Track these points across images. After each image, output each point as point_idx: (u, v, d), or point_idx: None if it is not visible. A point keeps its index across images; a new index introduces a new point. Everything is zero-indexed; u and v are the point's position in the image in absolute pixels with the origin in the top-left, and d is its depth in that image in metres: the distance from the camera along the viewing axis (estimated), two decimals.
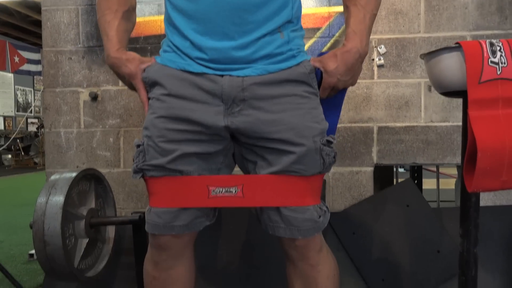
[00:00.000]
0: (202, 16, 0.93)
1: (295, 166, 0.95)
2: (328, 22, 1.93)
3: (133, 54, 1.02)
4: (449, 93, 1.15)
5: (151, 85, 1.00)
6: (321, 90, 0.98)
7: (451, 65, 1.07)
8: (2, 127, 11.58)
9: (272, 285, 1.68)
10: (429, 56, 1.13)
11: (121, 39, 1.03)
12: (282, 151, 0.95)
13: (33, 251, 2.67)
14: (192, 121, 0.95)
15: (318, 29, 1.93)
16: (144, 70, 1.00)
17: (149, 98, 1.01)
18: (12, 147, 10.25)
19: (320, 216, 0.99)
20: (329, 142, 0.97)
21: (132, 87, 1.03)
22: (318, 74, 0.97)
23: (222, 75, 0.94)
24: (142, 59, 1.02)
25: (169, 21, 1.01)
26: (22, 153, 10.34)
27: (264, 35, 0.94)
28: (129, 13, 1.06)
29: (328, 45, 1.93)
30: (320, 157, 0.95)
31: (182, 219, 1.00)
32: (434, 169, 3.37)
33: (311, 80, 0.97)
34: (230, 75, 0.93)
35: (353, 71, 0.95)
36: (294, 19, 0.99)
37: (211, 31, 0.93)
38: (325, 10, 1.92)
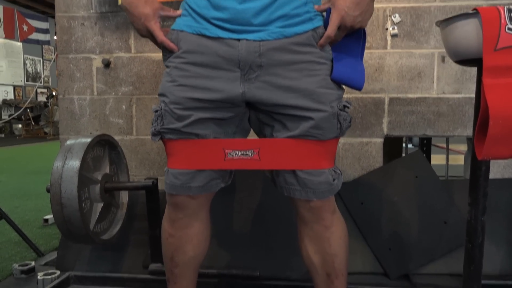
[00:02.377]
0: None
1: (313, 131, 0.96)
2: None
3: None
4: (464, 61, 1.14)
5: (168, 52, 1.01)
6: (329, 27, 0.95)
7: (468, 32, 1.05)
8: (12, 97, 11.65)
9: (283, 247, 1.72)
10: (446, 23, 1.12)
11: None
12: (300, 117, 0.96)
13: (47, 216, 2.74)
14: (209, 89, 0.96)
15: None
16: (160, 16, 0.98)
17: (166, 66, 1.02)
18: (22, 116, 10.35)
19: (334, 179, 1.02)
20: (345, 107, 0.98)
21: (143, 32, 1.01)
22: (328, 13, 0.96)
23: (238, 39, 0.94)
24: (163, 5, 1.00)
25: None
26: (32, 123, 10.43)
27: None
28: None
29: None
30: (337, 122, 0.97)
31: (199, 180, 1.03)
32: (443, 145, 3.36)
33: (326, 45, 0.98)
34: (246, 39, 0.94)
35: (362, 6, 0.93)
36: None
37: None
38: None
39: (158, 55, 1.96)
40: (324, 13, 0.99)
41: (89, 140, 1.53)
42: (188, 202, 1.07)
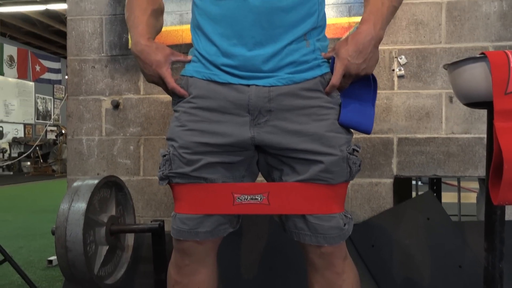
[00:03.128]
0: (230, 20, 0.94)
1: (323, 175, 0.95)
2: (348, 33, 1.93)
3: (164, 44, 1.01)
4: (473, 104, 1.14)
5: (177, 97, 1.02)
6: (333, 76, 0.94)
7: (476, 76, 1.06)
8: (22, 135, 11.81)
9: None
10: (453, 66, 1.13)
11: (151, 32, 1.02)
12: (310, 161, 0.95)
13: (51, 258, 2.70)
14: (218, 134, 0.96)
15: (338, 39, 1.93)
16: (171, 62, 0.99)
17: (175, 111, 1.03)
18: (31, 154, 10.44)
19: (345, 224, 0.99)
20: (354, 151, 0.98)
21: (154, 78, 1.01)
22: (333, 61, 0.95)
23: (248, 85, 0.94)
24: (173, 51, 1.01)
25: (196, 26, 1.02)
26: (41, 161, 10.51)
27: (291, 42, 0.95)
28: (158, 13, 1.07)
29: None
30: (347, 166, 0.96)
31: (206, 225, 1.01)
32: (453, 182, 3.31)
33: (335, 91, 0.99)
34: (256, 85, 0.94)
35: (365, 54, 0.92)
36: (319, 27, 1.00)
37: (239, 35, 0.94)
38: (345, 20, 1.93)
39: (167, 96, 1.98)
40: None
41: (96, 181, 1.53)
42: (195, 248, 1.04)
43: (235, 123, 0.96)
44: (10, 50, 10.43)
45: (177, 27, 1.99)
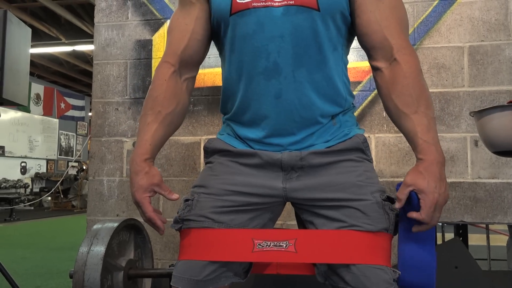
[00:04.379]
0: (263, 117, 0.98)
1: (359, 220, 0.90)
2: (369, 76, 1.93)
3: (156, 171, 0.98)
4: (502, 152, 1.10)
5: (211, 152, 1.04)
6: (424, 213, 0.86)
7: (505, 124, 1.03)
8: (45, 170, 12.04)
9: None
10: (480, 114, 1.10)
11: (154, 147, 0.99)
12: (341, 206, 0.92)
13: None
14: (251, 184, 0.97)
15: (359, 82, 1.94)
16: (153, 191, 0.96)
17: (207, 162, 1.04)
18: (52, 189, 10.59)
19: (394, 280, 0.89)
20: (389, 199, 0.93)
21: (133, 199, 0.98)
22: (415, 198, 0.87)
23: (281, 152, 0.97)
24: (162, 184, 0.97)
25: (229, 119, 1.04)
26: (61, 196, 10.63)
27: (320, 128, 0.98)
28: (173, 116, 1.02)
29: (369, 98, 1.92)
30: (384, 212, 0.91)
31: (206, 272, 0.93)
32: (481, 224, 3.19)
33: (365, 148, 0.99)
34: (289, 151, 0.97)
35: (444, 181, 0.88)
36: (346, 109, 1.02)
37: (273, 129, 0.97)
38: (366, 64, 1.92)
39: (187, 138, 2.00)
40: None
41: (116, 224, 1.52)
42: None
43: (269, 177, 0.97)
44: (37, 88, 10.80)
45: (199, 71, 2.02)
